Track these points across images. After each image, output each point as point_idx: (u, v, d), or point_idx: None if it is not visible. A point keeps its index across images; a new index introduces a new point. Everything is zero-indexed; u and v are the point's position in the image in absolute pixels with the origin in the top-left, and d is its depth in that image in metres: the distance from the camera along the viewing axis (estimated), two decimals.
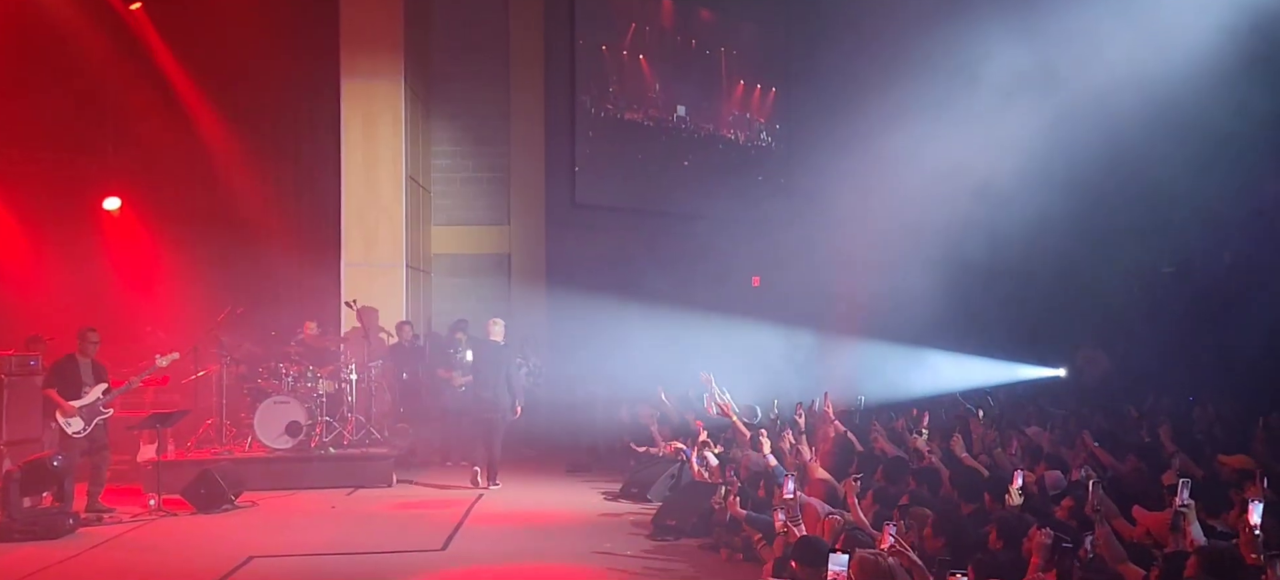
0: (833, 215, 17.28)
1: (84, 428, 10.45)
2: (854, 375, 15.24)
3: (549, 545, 9.38)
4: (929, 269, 15.29)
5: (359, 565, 8.58)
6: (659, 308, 16.64)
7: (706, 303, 17.00)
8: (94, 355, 10.74)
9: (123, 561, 8.78)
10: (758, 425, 11.20)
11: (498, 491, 12.22)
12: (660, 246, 18.32)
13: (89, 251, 14.40)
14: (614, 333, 16.47)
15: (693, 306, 16.81)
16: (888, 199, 16.03)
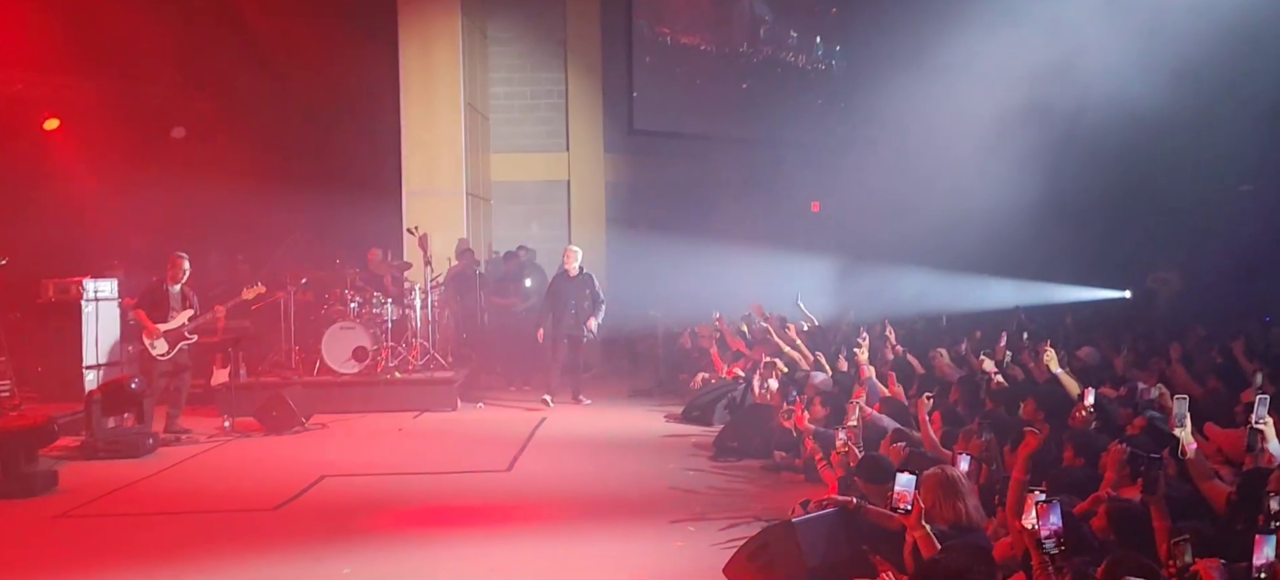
0: (893, 138, 17.01)
1: (168, 350, 10.73)
2: (914, 299, 15.11)
3: (612, 466, 9.51)
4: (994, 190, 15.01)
5: (427, 485, 8.77)
6: (717, 233, 16.60)
7: (765, 228, 16.91)
8: (184, 282, 10.99)
9: (201, 480, 9.08)
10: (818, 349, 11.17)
11: (566, 413, 12.39)
12: (719, 172, 18.20)
13: (159, 180, 14.69)
14: (673, 258, 16.49)
15: (751, 232, 16.74)
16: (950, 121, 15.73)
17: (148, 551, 6.76)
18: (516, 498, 8.32)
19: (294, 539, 7.03)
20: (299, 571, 6.28)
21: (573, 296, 12.95)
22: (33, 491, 8.27)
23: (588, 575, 6.16)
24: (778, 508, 7.36)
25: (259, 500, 8.14)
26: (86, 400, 10.11)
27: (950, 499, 4.75)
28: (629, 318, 16.18)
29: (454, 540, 6.98)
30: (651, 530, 7.15)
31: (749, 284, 15.84)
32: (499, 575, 6.22)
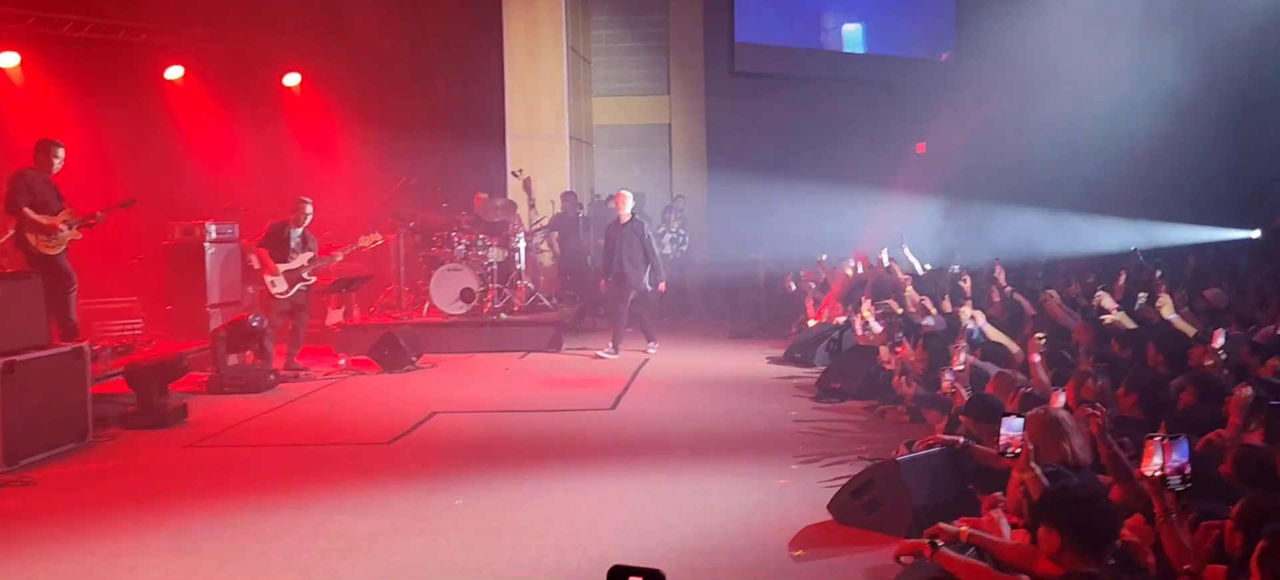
0: (1003, 77, 16.50)
1: (287, 289, 11.14)
2: (1023, 241, 14.72)
3: (714, 406, 9.58)
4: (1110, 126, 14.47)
5: (533, 422, 8.97)
6: (820, 175, 16.40)
7: (869, 170, 16.65)
8: (306, 224, 11.37)
9: (319, 414, 9.46)
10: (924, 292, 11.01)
11: (660, 356, 12.48)
12: (822, 114, 17.94)
13: (274, 126, 15.17)
14: (774, 201, 16.38)
15: (855, 174, 16.50)
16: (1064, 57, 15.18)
17: (271, 480, 7.09)
18: (620, 435, 8.46)
19: (408, 471, 7.29)
20: (413, 501, 6.52)
21: (622, 244, 12.40)
22: (165, 423, 8.73)
23: (691, 511, 6.25)
24: (881, 448, 7.33)
25: (374, 434, 8.45)
26: (211, 338, 10.59)
27: (1055, 439, 4.67)
28: (730, 260, 16.17)
29: (560, 474, 7.15)
30: (754, 468, 7.21)
31: (852, 226, 15.66)
32: (604, 508, 6.35)
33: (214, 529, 5.98)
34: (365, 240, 11.83)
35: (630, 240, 12.33)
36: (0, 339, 7.40)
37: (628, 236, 12.35)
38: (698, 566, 5.32)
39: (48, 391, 7.74)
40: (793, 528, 5.87)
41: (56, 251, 9.24)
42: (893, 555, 4.13)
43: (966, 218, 16.08)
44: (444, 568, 5.32)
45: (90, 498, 6.73)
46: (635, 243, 12.32)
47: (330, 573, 5.26)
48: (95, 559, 5.48)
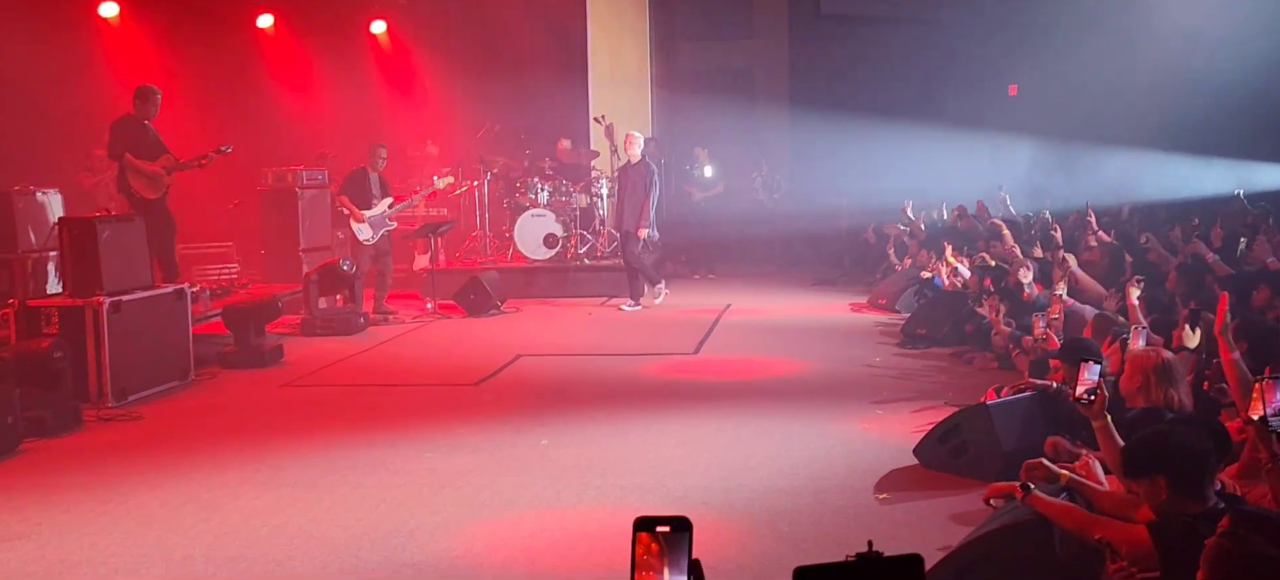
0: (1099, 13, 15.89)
1: (372, 235, 11.37)
2: (1120, 184, 14.26)
3: (797, 351, 9.54)
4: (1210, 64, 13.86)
5: (617, 365, 9.05)
6: (907, 119, 16.07)
7: (957, 113, 16.24)
8: (382, 170, 11.58)
9: (408, 356, 9.67)
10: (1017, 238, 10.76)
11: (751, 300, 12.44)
12: (909, 56, 17.52)
13: (361, 73, 15.39)
14: (859, 145, 16.11)
15: (943, 117, 16.12)
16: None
17: (363, 419, 7.29)
18: (702, 379, 8.49)
19: (494, 411, 7.43)
20: (499, 440, 6.64)
21: (628, 187, 11.97)
22: (262, 363, 9.02)
23: (772, 453, 6.26)
24: (968, 394, 7.22)
25: (460, 376, 8.61)
26: (303, 281, 10.88)
27: (1163, 385, 4.53)
28: (813, 206, 16.00)
29: (643, 416, 7.20)
30: (838, 412, 7.17)
31: (939, 171, 15.34)
32: (687, 449, 6.39)
33: (310, 463, 6.18)
34: (439, 182, 12.00)
35: (635, 184, 11.90)
36: (107, 279, 7.70)
37: (633, 179, 11.93)
38: (781, 507, 5.33)
39: (152, 331, 8.05)
40: (877, 471, 5.84)
41: (157, 196, 9.56)
42: (982, 497, 4.07)
43: (1059, 160, 15.63)
44: (531, 504, 5.42)
45: (194, 432, 7.00)
46: (640, 186, 11.87)
47: (423, 507, 5.40)
48: (200, 490, 5.71)
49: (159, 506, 5.46)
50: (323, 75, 14.98)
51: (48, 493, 5.71)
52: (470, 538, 4.97)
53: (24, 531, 5.11)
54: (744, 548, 4.81)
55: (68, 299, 7.73)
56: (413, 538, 4.97)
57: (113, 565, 4.68)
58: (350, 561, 4.69)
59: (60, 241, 7.93)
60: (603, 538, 4.95)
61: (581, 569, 4.61)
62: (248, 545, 4.90)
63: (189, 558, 4.77)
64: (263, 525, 5.16)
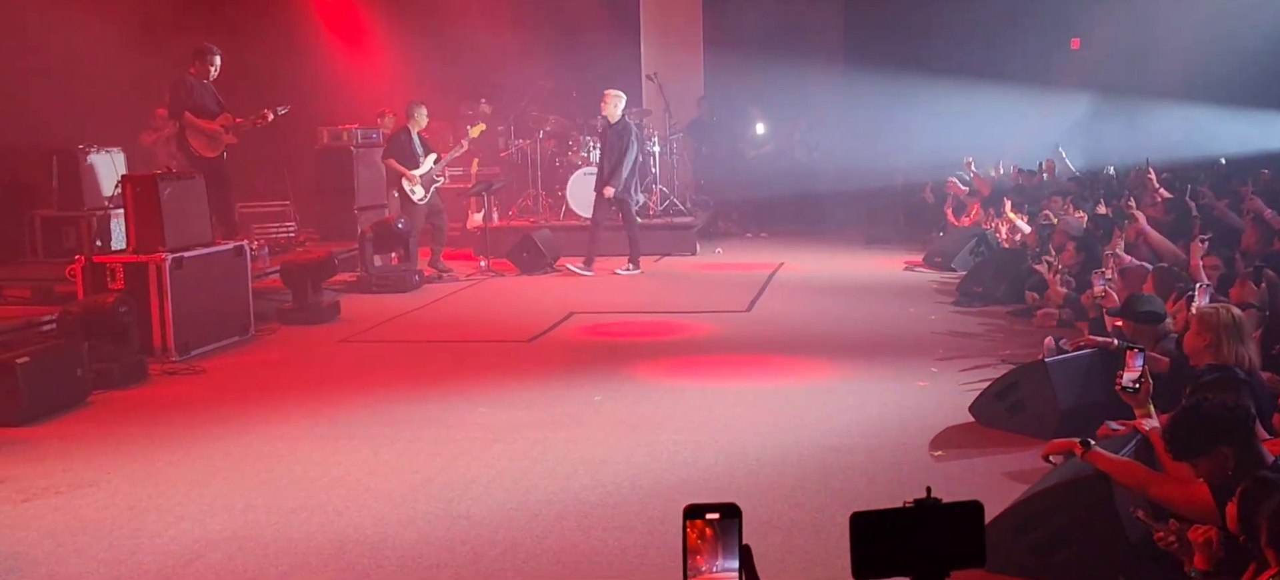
0: None
1: (425, 194, 11.45)
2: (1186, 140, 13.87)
3: (851, 309, 9.47)
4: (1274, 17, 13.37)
5: (670, 323, 9.05)
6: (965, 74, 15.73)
7: (1018, 68, 15.86)
8: (423, 127, 11.61)
9: (463, 312, 9.76)
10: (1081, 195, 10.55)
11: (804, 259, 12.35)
12: (969, 10, 17.10)
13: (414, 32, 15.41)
14: (915, 102, 15.83)
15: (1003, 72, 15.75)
16: None
17: (418, 373, 7.38)
18: (756, 336, 8.46)
19: (547, 367, 7.47)
20: (552, 396, 6.68)
21: (607, 148, 11.59)
22: (320, 319, 9.15)
23: (826, 410, 6.23)
24: (1025, 352, 7.12)
25: (514, 332, 8.67)
26: (359, 239, 11.00)
27: (1233, 342, 4.42)
28: (867, 164, 15.78)
29: (697, 374, 7.21)
30: (892, 370, 7.11)
31: (999, 128, 15.04)
32: (739, 406, 6.38)
33: (366, 417, 6.27)
34: (473, 130, 12.00)
35: (613, 145, 11.49)
36: (169, 236, 7.84)
37: (612, 140, 11.53)
38: (833, 464, 5.31)
39: (213, 287, 8.20)
40: (932, 429, 5.79)
41: (216, 154, 9.70)
42: (1041, 454, 4.02)
43: (1122, 116, 15.23)
44: (584, 459, 5.46)
45: (254, 386, 7.14)
46: (617, 146, 11.46)
47: (477, 461, 5.46)
48: (260, 442, 5.83)
49: (222, 457, 5.58)
50: (377, 34, 15.03)
51: (116, 443, 5.87)
52: (524, 491, 5.02)
53: (95, 479, 5.26)
54: (796, 503, 4.80)
55: (132, 255, 7.90)
56: (468, 490, 5.03)
57: (178, 513, 4.80)
58: (407, 512, 4.77)
59: (124, 199, 8.09)
60: (655, 493, 4.98)
61: (634, 523, 4.64)
62: (307, 496, 5.00)
63: (251, 507, 4.88)
64: (321, 477, 5.26)
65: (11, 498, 5.03)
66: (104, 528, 4.64)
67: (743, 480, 5.12)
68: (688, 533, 1.56)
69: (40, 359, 6.44)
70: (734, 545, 1.56)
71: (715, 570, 1.55)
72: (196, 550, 4.37)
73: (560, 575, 4.14)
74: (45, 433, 6.07)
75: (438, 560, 4.26)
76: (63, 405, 6.46)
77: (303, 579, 4.10)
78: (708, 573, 1.56)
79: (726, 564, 1.56)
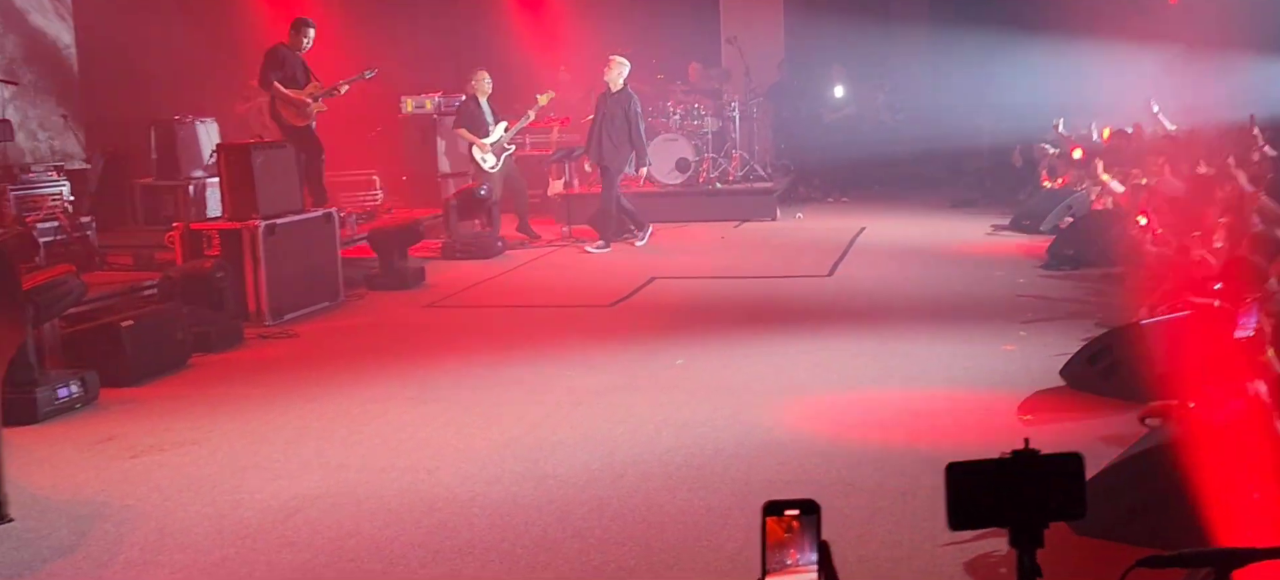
0: None
1: (496, 162, 11.54)
2: None
3: (935, 273, 9.33)
4: None
5: (750, 288, 9.03)
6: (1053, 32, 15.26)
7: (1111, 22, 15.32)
8: (488, 95, 11.64)
9: (545, 277, 9.86)
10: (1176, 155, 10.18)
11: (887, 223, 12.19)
12: None
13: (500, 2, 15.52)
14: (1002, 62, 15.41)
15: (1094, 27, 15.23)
16: None
17: (504, 336, 7.49)
18: (837, 300, 8.39)
19: (629, 331, 7.52)
20: (634, 359, 6.73)
21: (606, 117, 11.00)
22: (406, 284, 9.34)
23: (909, 374, 6.16)
24: (1119, 315, 6.94)
25: (596, 297, 8.73)
26: (443, 206, 11.16)
27: None
28: (952, 126, 15.44)
29: (778, 337, 7.18)
30: (979, 333, 7.00)
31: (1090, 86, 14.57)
32: (821, 370, 6.35)
33: (453, 380, 6.39)
34: (541, 98, 12.00)
35: (614, 114, 10.93)
36: (261, 204, 8.07)
37: (612, 110, 10.97)
38: (920, 427, 5.26)
39: (304, 253, 8.42)
40: (1021, 392, 5.69)
41: (306, 123, 9.94)
42: (1138, 417, 3.93)
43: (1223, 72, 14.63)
44: (667, 422, 5.49)
45: (344, 350, 7.33)
46: (619, 117, 10.91)
47: (562, 424, 5.53)
48: (351, 403, 5.99)
49: (315, 418, 5.75)
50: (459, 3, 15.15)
51: (215, 403, 6.08)
52: (608, 452, 5.08)
53: (196, 438, 5.47)
54: (881, 466, 4.78)
55: (227, 222, 8.14)
56: (554, 452, 5.11)
57: (275, 470, 4.97)
58: (495, 471, 4.86)
59: (219, 167, 8.34)
60: (738, 455, 4.99)
61: (719, 483, 4.66)
62: (397, 455, 5.13)
63: (344, 466, 5.02)
64: (411, 437, 5.39)
65: (121, 454, 5.26)
66: (206, 483, 4.83)
67: (825, 444, 5.11)
68: (767, 528, 1.59)
69: (144, 322, 6.70)
70: (813, 541, 1.58)
71: (795, 565, 1.58)
72: (294, 506, 4.52)
73: (647, 533, 4.19)
74: (149, 393, 6.32)
75: (525, 519, 4.34)
76: (165, 367, 6.71)
77: (396, 535, 4.22)
78: (788, 568, 1.58)
79: (806, 558, 1.58)
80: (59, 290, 6.01)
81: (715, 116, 13.69)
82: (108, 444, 5.41)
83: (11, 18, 10.70)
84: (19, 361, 5.45)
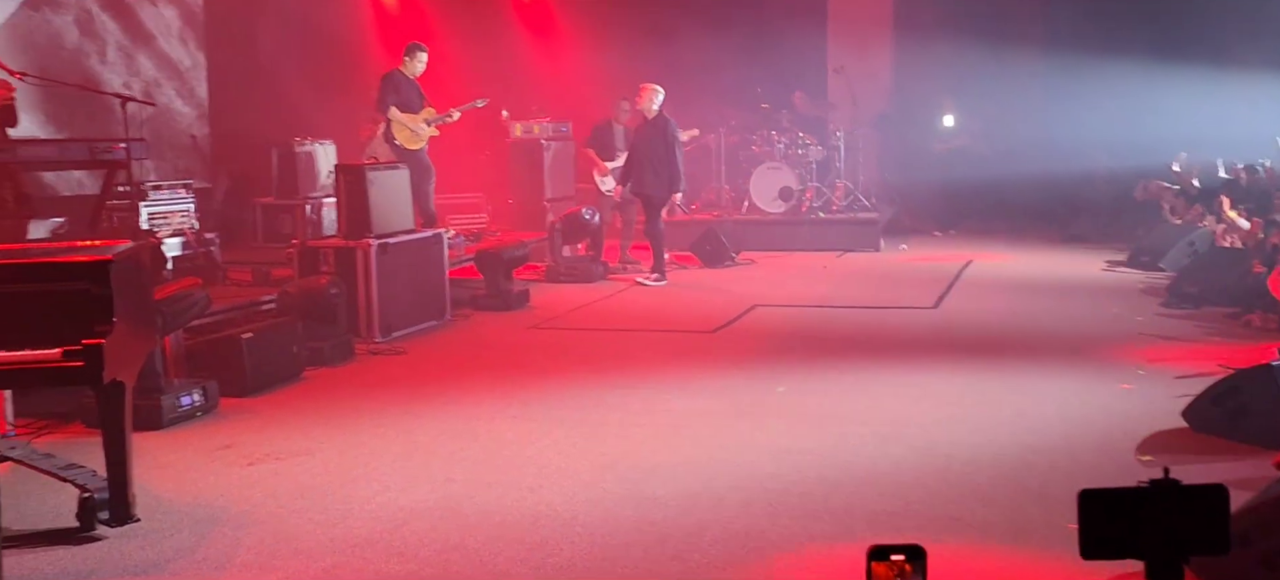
0: None
1: (613, 186, 11.67)
2: None
3: (1048, 308, 9.08)
4: None
5: (853, 317, 8.91)
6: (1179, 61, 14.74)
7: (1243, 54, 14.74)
8: (625, 122, 11.85)
9: (647, 304, 9.90)
10: None
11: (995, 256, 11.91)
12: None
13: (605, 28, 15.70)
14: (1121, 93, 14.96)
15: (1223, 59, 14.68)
16: None
17: (606, 359, 7.54)
18: (944, 333, 8.22)
19: (731, 358, 7.49)
20: (735, 385, 6.70)
21: (644, 145, 10.76)
22: (510, 306, 9.48)
23: (1021, 409, 5.99)
24: (1244, 356, 6.63)
25: (697, 323, 8.73)
26: (548, 230, 11.32)
27: None
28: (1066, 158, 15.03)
29: (882, 367, 7.07)
30: (1093, 371, 6.77)
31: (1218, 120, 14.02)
32: (928, 402, 6.22)
33: (556, 400, 6.46)
34: (682, 134, 12.07)
35: (653, 141, 10.73)
36: (374, 223, 8.30)
37: (650, 136, 10.77)
38: (1030, 463, 5.11)
39: (413, 272, 8.62)
40: (1139, 432, 5.48)
41: (418, 147, 10.21)
42: (1273, 462, 3.74)
43: None
44: (769, 448, 5.45)
45: (450, 367, 7.47)
46: (659, 144, 10.71)
47: (663, 447, 5.53)
48: (457, 420, 6.10)
49: (423, 433, 5.87)
50: (568, 30, 15.38)
51: (328, 416, 6.26)
52: (710, 477, 5.05)
53: (310, 448, 5.64)
54: (991, 503, 4.65)
55: (341, 240, 8.40)
56: (655, 474, 5.11)
57: (385, 483, 5.08)
58: (597, 492, 4.89)
59: (336, 188, 8.62)
60: (841, 484, 4.92)
61: (821, 511, 4.60)
62: (501, 472, 5.19)
63: (450, 480, 5.11)
64: (515, 455, 5.45)
65: (238, 461, 5.45)
66: (319, 492, 4.96)
67: (931, 478, 5.00)
68: (873, 573, 1.57)
69: (262, 335, 6.94)
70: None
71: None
72: (401, 517, 4.61)
73: (748, 557, 4.15)
74: (265, 403, 6.54)
75: (626, 539, 4.34)
76: (280, 379, 6.94)
77: (499, 550, 4.27)
78: None
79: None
80: (185, 302, 6.27)
81: (820, 146, 13.60)
82: (226, 451, 5.61)
83: (148, 43, 11.29)
84: (147, 369, 5.69)
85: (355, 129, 12.25)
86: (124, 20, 11.15)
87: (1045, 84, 16.20)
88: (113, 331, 4.21)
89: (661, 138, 10.70)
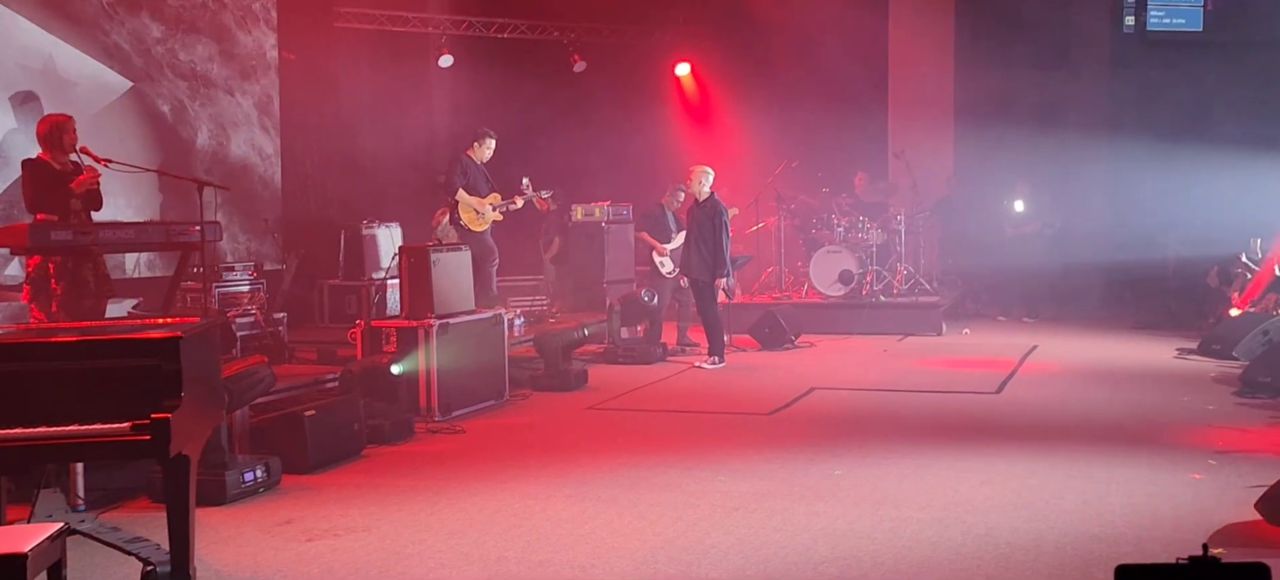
0: None
1: (674, 268, 11.77)
2: None
3: (1114, 395, 8.88)
4: None
5: (913, 402, 8.80)
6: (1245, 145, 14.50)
7: None
8: (676, 207, 12.00)
9: (705, 386, 9.88)
10: None
11: (1060, 342, 11.71)
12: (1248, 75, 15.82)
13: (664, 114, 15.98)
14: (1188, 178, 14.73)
15: None
16: None
17: (661, 441, 7.53)
18: (1006, 419, 8.07)
19: (788, 441, 7.44)
20: (793, 469, 6.64)
21: (696, 228, 10.72)
22: (568, 386, 9.54)
23: (1086, 497, 5.84)
24: None
25: (755, 406, 8.69)
26: (607, 311, 11.41)
27: None
28: (1134, 243, 14.80)
29: (941, 452, 6.95)
30: (1162, 461, 6.59)
31: None
32: (988, 488, 6.10)
33: (612, 480, 6.46)
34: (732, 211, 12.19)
35: (702, 223, 10.66)
36: (437, 303, 8.46)
37: (701, 219, 10.70)
38: (1095, 553, 4.97)
39: (473, 352, 8.74)
40: (1209, 525, 5.31)
41: (482, 229, 10.44)
42: None
43: None
44: (824, 532, 5.38)
45: (507, 447, 7.52)
46: (707, 226, 10.63)
47: (717, 527, 5.49)
48: (514, 499, 6.12)
49: (477, 511, 5.90)
50: (629, 116, 15.67)
51: (385, 492, 6.33)
52: (763, 561, 5.00)
53: (365, 524, 5.70)
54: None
55: (404, 320, 8.56)
56: (707, 555, 5.07)
57: (438, 560, 5.11)
58: (648, 571, 4.86)
59: (400, 268, 8.81)
60: (897, 569, 4.83)
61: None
62: (555, 551, 5.19)
63: (503, 558, 5.12)
64: (568, 534, 5.45)
65: (298, 537, 5.53)
66: (373, 569, 5.00)
67: (991, 564, 4.88)
68: None
69: (324, 413, 7.07)
70: None
71: None
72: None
73: None
74: (326, 480, 6.64)
75: None
76: (341, 456, 7.05)
77: None
78: None
79: None
80: (252, 380, 6.43)
81: (880, 229, 13.58)
82: (286, 527, 5.70)
83: (226, 129, 11.74)
84: (212, 444, 5.83)
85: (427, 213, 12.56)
86: (212, 107, 11.64)
87: (1111, 168, 16.03)
88: (180, 406, 4.33)
89: (710, 221, 10.65)
